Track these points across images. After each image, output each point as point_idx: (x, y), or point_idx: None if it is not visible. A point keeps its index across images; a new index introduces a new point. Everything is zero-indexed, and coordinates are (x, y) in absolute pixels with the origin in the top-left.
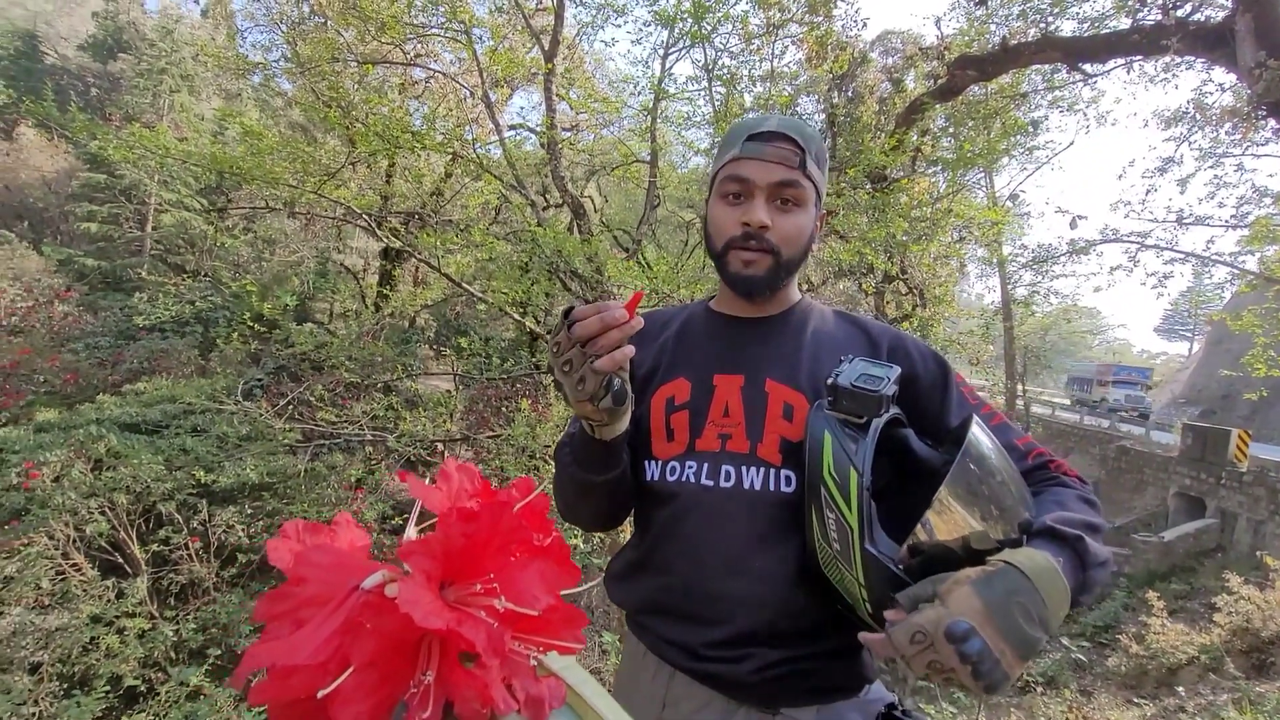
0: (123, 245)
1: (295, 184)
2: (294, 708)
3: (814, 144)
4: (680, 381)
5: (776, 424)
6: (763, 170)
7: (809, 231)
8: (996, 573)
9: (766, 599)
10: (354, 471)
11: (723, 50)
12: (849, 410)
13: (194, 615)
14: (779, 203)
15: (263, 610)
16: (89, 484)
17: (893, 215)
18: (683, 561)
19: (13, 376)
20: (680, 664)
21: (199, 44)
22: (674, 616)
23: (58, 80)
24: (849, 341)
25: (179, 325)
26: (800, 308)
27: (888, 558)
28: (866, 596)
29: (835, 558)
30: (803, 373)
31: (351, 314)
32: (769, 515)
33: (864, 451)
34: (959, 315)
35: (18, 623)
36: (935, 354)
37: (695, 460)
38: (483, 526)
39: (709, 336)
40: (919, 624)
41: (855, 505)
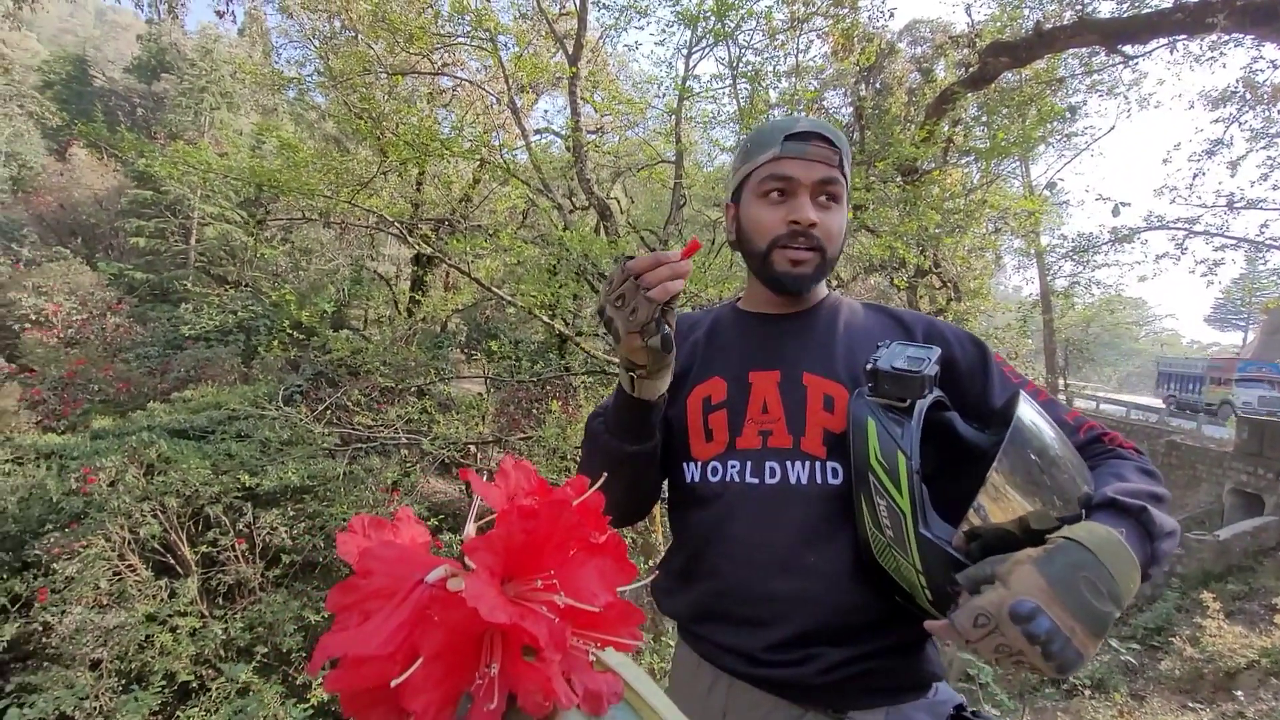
0: (169, 258)
1: (330, 194)
2: (365, 696)
3: (844, 144)
4: (715, 381)
5: (818, 416)
6: (806, 169)
7: (844, 229)
8: (1057, 549)
9: (823, 596)
10: (391, 474)
11: (747, 47)
12: (891, 394)
13: (241, 614)
14: (821, 199)
15: (333, 601)
16: (142, 488)
17: (924, 208)
18: (732, 564)
19: (70, 386)
20: (739, 670)
21: (237, 62)
22: (728, 621)
23: (106, 101)
24: (882, 330)
25: (223, 334)
26: (829, 302)
27: (943, 540)
28: (925, 583)
29: (889, 545)
30: (839, 363)
31: (385, 320)
32: (819, 510)
33: (910, 434)
34: (995, 309)
35: (79, 621)
36: (972, 336)
37: (737, 459)
38: (542, 523)
39: (740, 335)
40: (980, 606)
41: (906, 489)
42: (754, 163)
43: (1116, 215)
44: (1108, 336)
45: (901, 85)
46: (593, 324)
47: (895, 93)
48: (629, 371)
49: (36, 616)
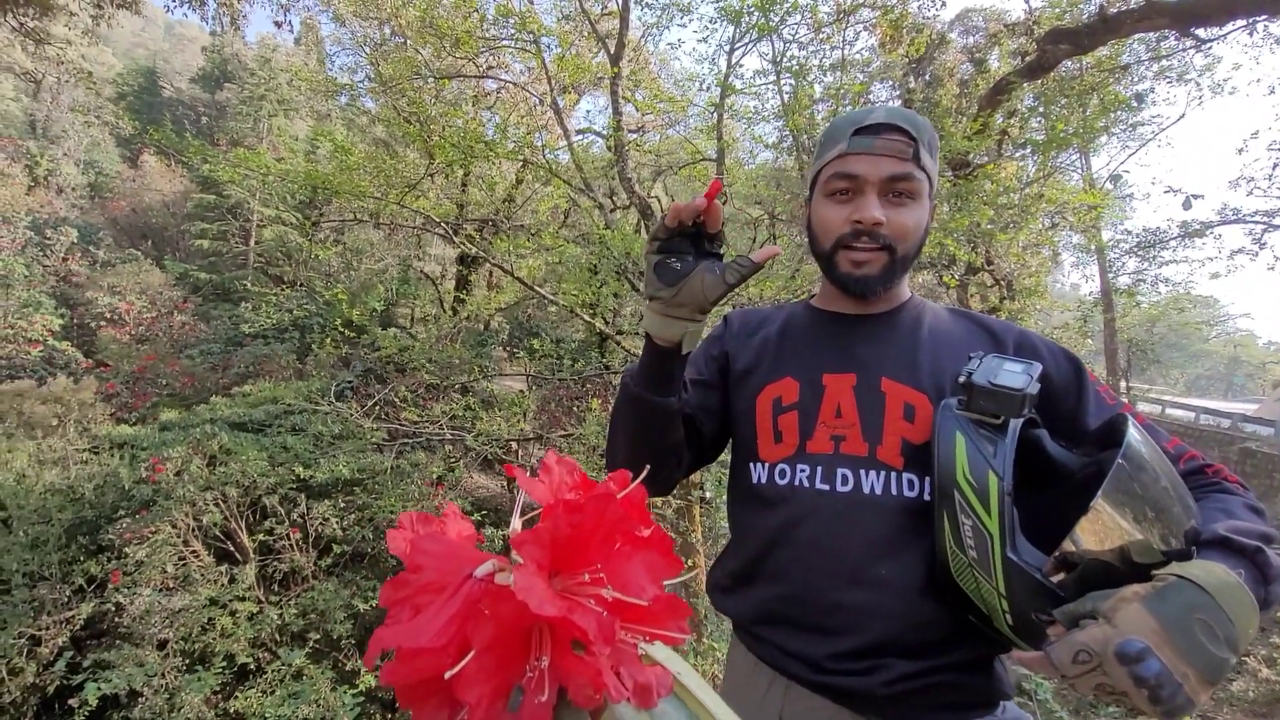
0: (230, 259)
1: (379, 196)
2: (419, 688)
3: (926, 133)
4: (787, 381)
5: (897, 425)
6: (872, 164)
7: (924, 225)
8: (1169, 587)
9: (894, 609)
10: (435, 469)
11: (791, 41)
12: (985, 410)
13: (295, 601)
14: (891, 196)
15: (386, 596)
16: (205, 478)
17: (977, 203)
18: (799, 569)
19: (141, 380)
20: (801, 676)
21: (293, 70)
22: (793, 627)
23: (174, 111)
24: (970, 339)
25: (279, 332)
26: (912, 304)
27: (1033, 567)
28: (1007, 607)
29: (970, 566)
30: (923, 371)
31: (431, 318)
32: (893, 522)
33: (1004, 454)
34: (1052, 307)
35: (148, 603)
36: (1066, 351)
37: (807, 463)
38: (588, 517)
39: (815, 335)
40: (1083, 642)
41: (996, 511)
42: (823, 160)
43: (1188, 208)
44: (1175, 337)
45: (952, 77)
46: (633, 323)
47: (946, 84)
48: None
49: (110, 597)
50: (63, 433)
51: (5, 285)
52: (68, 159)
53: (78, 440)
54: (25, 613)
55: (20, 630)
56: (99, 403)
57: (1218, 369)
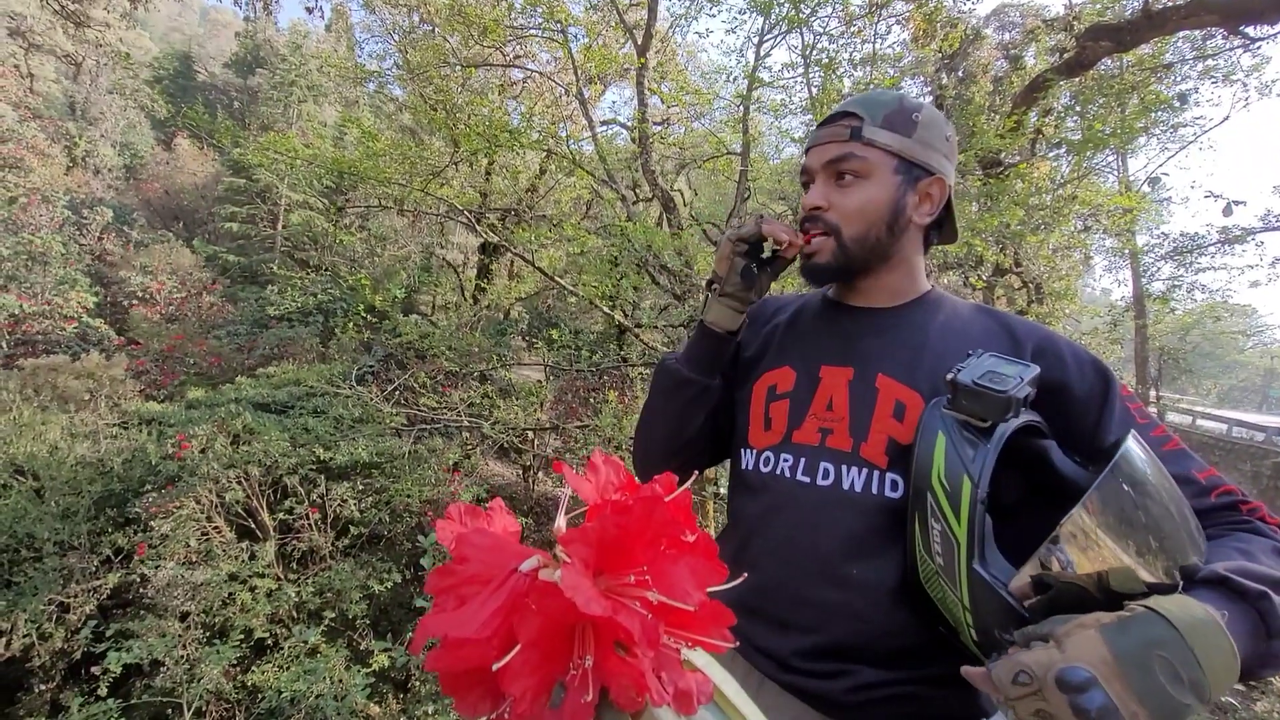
0: (258, 242)
1: (404, 183)
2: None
3: (882, 109)
4: (785, 370)
5: (885, 423)
6: (817, 154)
7: (881, 201)
8: (1135, 619)
9: (863, 612)
10: (452, 455)
11: (822, 34)
12: (970, 411)
13: (312, 580)
14: (839, 179)
15: (432, 584)
16: (228, 456)
17: (1007, 203)
18: (772, 561)
19: (169, 359)
20: (768, 673)
21: (323, 56)
22: (761, 619)
23: (207, 95)
24: (985, 338)
25: (303, 315)
26: (929, 299)
27: (999, 582)
28: (971, 621)
29: (937, 573)
30: (921, 370)
31: (452, 306)
32: (870, 521)
33: (982, 459)
34: (1081, 312)
35: (171, 575)
36: (1096, 361)
37: (791, 453)
38: (635, 519)
39: (821, 326)
40: (1024, 663)
41: (965, 517)
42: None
43: (1228, 214)
44: (1209, 346)
45: (986, 73)
46: (652, 316)
47: (979, 81)
48: (708, 290)
49: (135, 569)
50: (94, 407)
51: (43, 262)
52: (105, 140)
53: (108, 415)
54: (55, 580)
55: (50, 597)
56: (129, 379)
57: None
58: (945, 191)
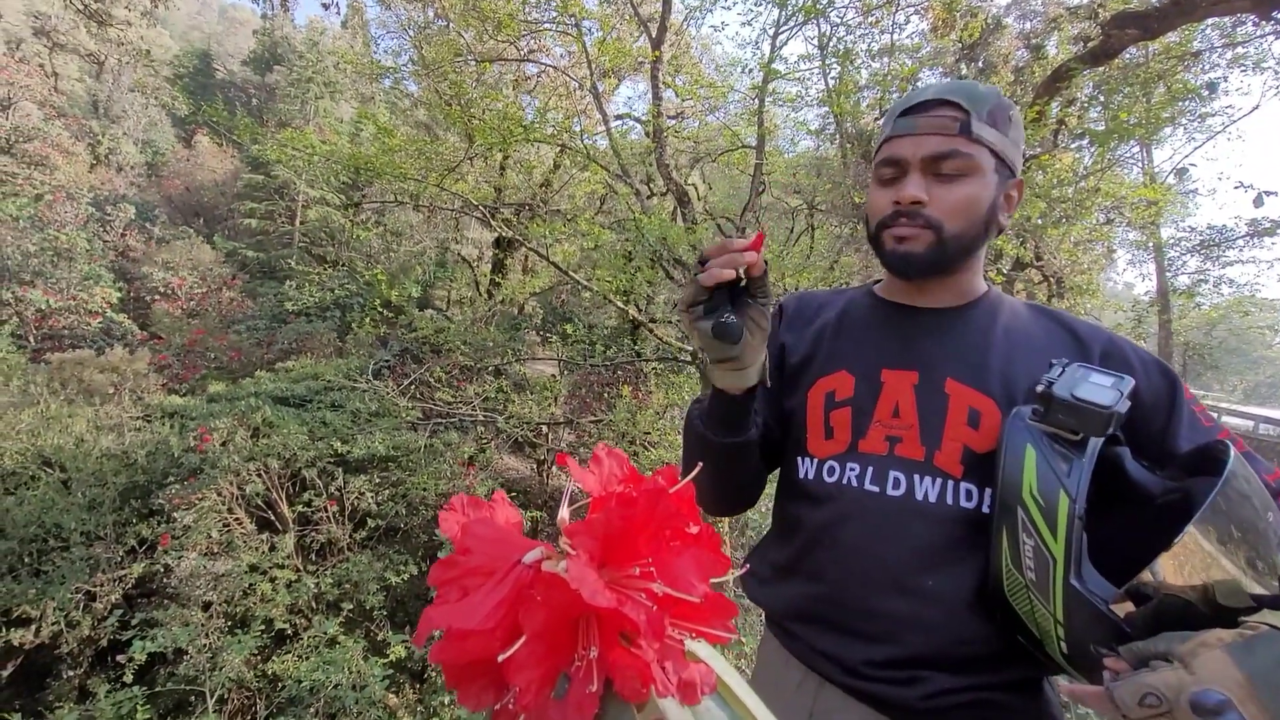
0: (276, 238)
1: (420, 178)
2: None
3: (985, 103)
4: (842, 375)
5: (959, 431)
6: (914, 145)
7: (984, 201)
8: (1261, 638)
9: (939, 622)
10: (467, 449)
11: (839, 24)
12: (1063, 425)
13: (331, 571)
14: (940, 174)
15: (435, 576)
16: (249, 449)
17: (1028, 195)
18: (839, 570)
19: (191, 353)
20: (833, 677)
21: (339, 53)
22: (826, 627)
23: (226, 93)
24: (1050, 341)
25: (321, 310)
26: (988, 300)
27: (1099, 598)
28: (1063, 635)
29: (1027, 587)
30: (993, 375)
31: (466, 301)
32: (944, 531)
33: (1079, 475)
34: (1103, 307)
35: (194, 566)
36: (1161, 364)
37: (858, 462)
38: (640, 511)
39: (875, 326)
40: (1153, 685)
41: (1063, 534)
42: (875, 146)
43: (1259, 205)
44: (1235, 341)
45: (1007, 63)
46: (666, 310)
47: (1000, 71)
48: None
49: (159, 559)
50: (118, 400)
51: (69, 258)
52: (127, 138)
53: (132, 408)
54: (82, 570)
55: (78, 586)
56: (152, 373)
57: None
58: (1022, 193)
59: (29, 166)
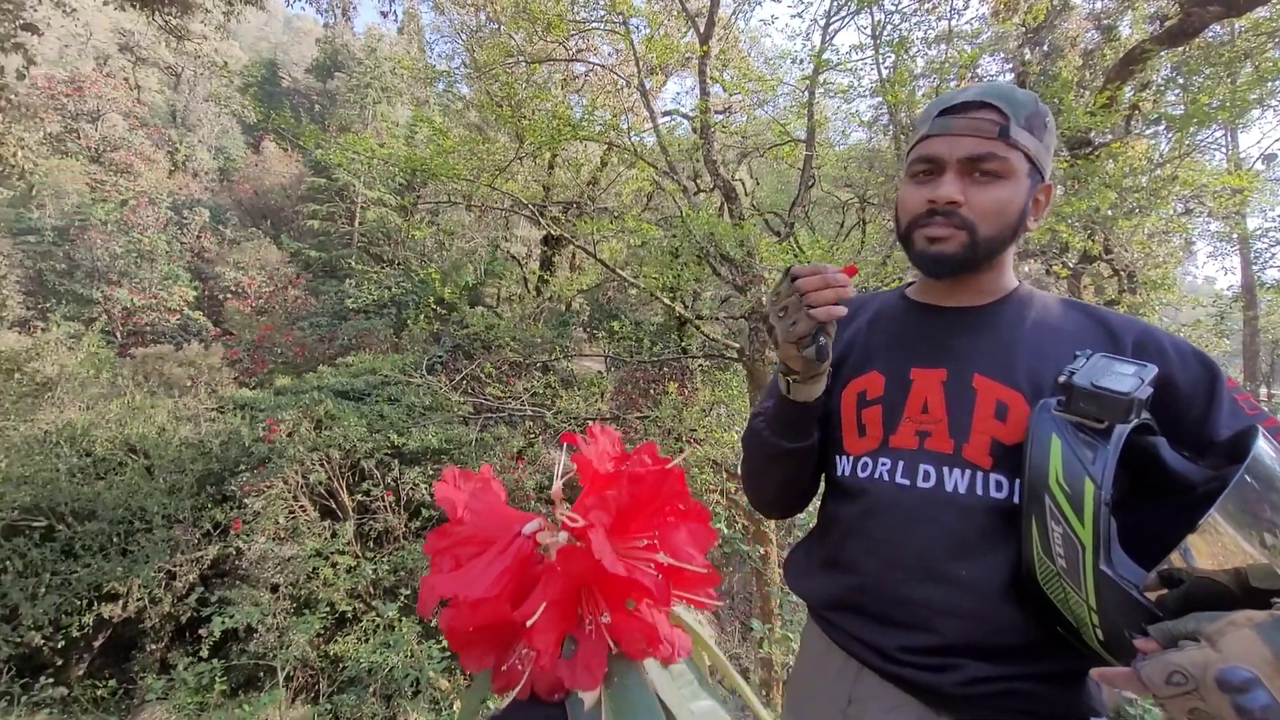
0: (337, 238)
1: (472, 179)
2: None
3: (1024, 108)
4: (872, 375)
5: (987, 423)
6: (951, 145)
7: (1017, 205)
8: None
9: (972, 610)
10: (516, 443)
11: (893, 12)
12: (1086, 413)
13: (388, 558)
14: (976, 175)
15: (431, 545)
16: (312, 440)
17: (1097, 185)
18: (872, 561)
19: (259, 349)
20: (870, 663)
21: (396, 58)
22: (863, 616)
23: (291, 100)
24: (1081, 334)
25: (379, 307)
26: (1018, 296)
27: (1128, 582)
28: (1097, 621)
29: (1058, 575)
30: (1020, 369)
31: (516, 298)
32: (975, 522)
33: (1103, 461)
34: (1180, 303)
35: (263, 549)
36: (1199, 353)
37: (889, 457)
38: (647, 488)
39: (905, 327)
40: (1180, 664)
41: (1090, 520)
42: (910, 143)
43: None
44: None
45: (1075, 46)
46: (713, 307)
47: (1067, 55)
48: (785, 375)
49: (231, 542)
50: (195, 393)
51: (150, 260)
52: (202, 145)
53: (207, 400)
54: (164, 550)
55: (160, 565)
56: (224, 367)
57: None
58: (1050, 198)
59: (115, 174)
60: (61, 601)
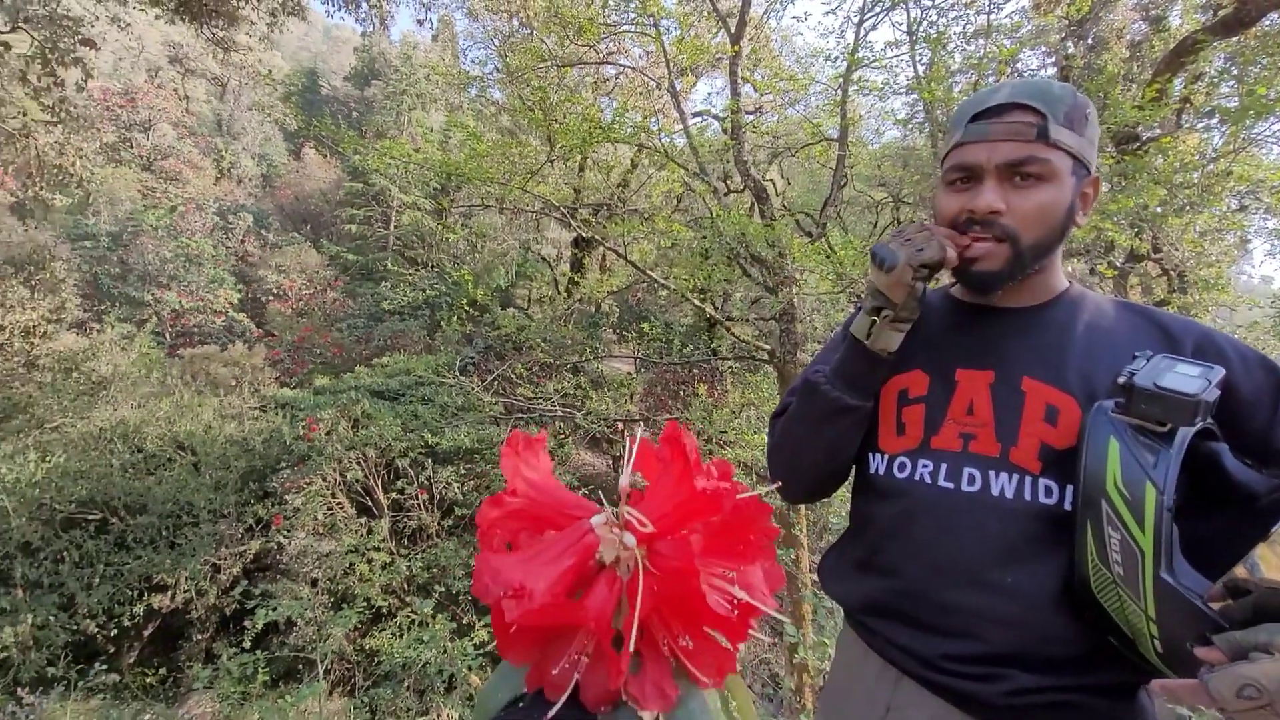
0: (373, 242)
1: (504, 182)
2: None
3: (1062, 105)
4: (916, 374)
5: (1036, 427)
6: (988, 151)
7: (1062, 206)
8: None
9: (1018, 618)
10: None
11: (930, 7)
12: (1147, 416)
13: (421, 555)
14: (1016, 180)
15: (483, 514)
16: (349, 439)
17: (1145, 182)
18: (913, 565)
19: (299, 349)
20: (911, 670)
21: (430, 65)
22: (903, 621)
23: (330, 108)
24: (1137, 336)
25: (413, 309)
26: (1069, 297)
27: (1192, 592)
28: (1156, 633)
29: (1115, 583)
30: (1071, 371)
31: (546, 299)
32: (1023, 527)
33: (1166, 465)
34: (1235, 303)
35: (302, 545)
36: (1263, 358)
37: (930, 459)
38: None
39: (951, 327)
40: (1252, 676)
41: (1151, 526)
42: (944, 149)
43: None
44: None
45: (1121, 39)
46: (743, 308)
47: (1113, 47)
48: (873, 314)
49: (273, 537)
50: (239, 392)
51: (198, 263)
52: (246, 153)
53: (250, 399)
54: (209, 544)
55: (205, 558)
56: (267, 367)
57: None
58: (1098, 189)
59: (165, 181)
60: (114, 591)
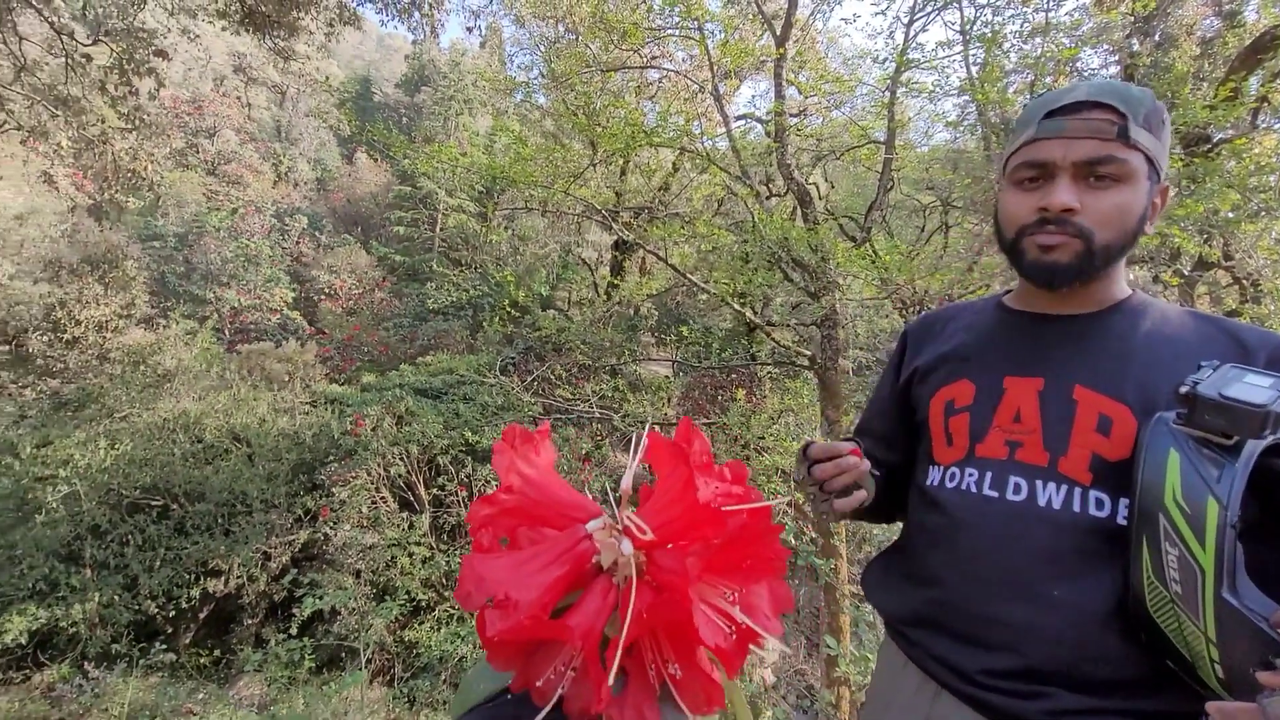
0: (420, 244)
1: (548, 185)
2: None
3: (1142, 106)
4: (963, 384)
5: (1088, 437)
6: (1064, 148)
7: (1138, 210)
8: None
9: (1064, 635)
10: (584, 445)
11: (984, 6)
12: (1211, 427)
13: (460, 551)
14: (1091, 180)
15: (474, 512)
16: (393, 435)
17: (1217, 186)
18: (954, 575)
19: (348, 347)
20: (949, 684)
21: (478, 71)
22: (943, 632)
23: (382, 114)
24: (1205, 347)
25: (456, 309)
26: (1131, 304)
27: (1256, 614)
28: (1217, 655)
29: (1172, 601)
30: (1129, 381)
31: (586, 301)
32: (1072, 540)
33: (1230, 479)
34: None
35: (347, 537)
36: None
37: (975, 467)
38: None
39: (1002, 335)
40: None
41: (1212, 543)
42: (1012, 146)
43: None
44: None
45: (1191, 35)
46: (783, 313)
47: (1182, 45)
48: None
49: (320, 528)
50: (291, 387)
51: (256, 263)
52: (302, 157)
53: (301, 394)
54: (261, 532)
55: (257, 546)
56: (318, 364)
57: None
58: (1166, 199)
59: (228, 184)
60: (173, 574)
